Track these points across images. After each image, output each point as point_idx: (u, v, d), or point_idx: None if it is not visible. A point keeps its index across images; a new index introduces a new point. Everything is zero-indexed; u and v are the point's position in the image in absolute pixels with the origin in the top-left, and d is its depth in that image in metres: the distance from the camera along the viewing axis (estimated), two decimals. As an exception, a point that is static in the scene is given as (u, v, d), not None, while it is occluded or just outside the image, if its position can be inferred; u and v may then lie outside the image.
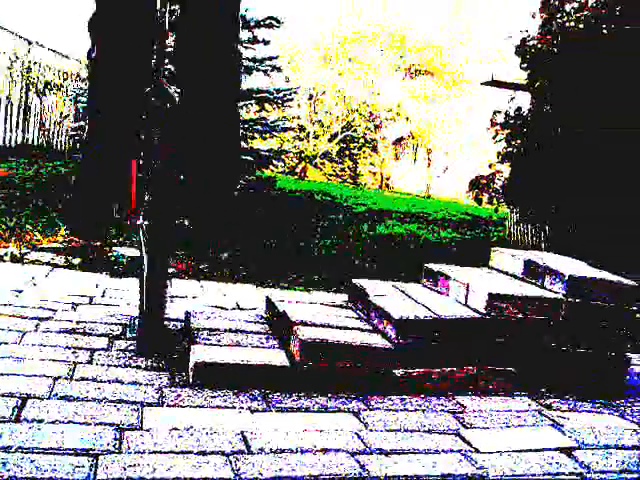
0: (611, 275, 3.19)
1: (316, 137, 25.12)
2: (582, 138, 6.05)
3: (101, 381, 2.57)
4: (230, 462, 2.06)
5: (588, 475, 2.30)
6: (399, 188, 25.43)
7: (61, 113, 14.03)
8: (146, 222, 2.97)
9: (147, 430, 2.20)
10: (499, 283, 3.23)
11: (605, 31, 6.06)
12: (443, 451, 2.35)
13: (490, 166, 7.29)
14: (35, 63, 13.26)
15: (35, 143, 13.39)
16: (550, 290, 3.15)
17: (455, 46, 26.12)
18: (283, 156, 9.76)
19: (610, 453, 2.50)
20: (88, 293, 3.95)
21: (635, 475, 2.34)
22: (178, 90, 2.97)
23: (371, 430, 2.44)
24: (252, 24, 9.49)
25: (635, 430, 2.76)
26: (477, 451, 2.39)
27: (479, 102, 23.91)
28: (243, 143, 9.58)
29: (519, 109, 7.00)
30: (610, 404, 3.05)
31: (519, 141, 6.82)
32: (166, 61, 2.99)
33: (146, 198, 2.98)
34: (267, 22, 9.49)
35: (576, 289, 3.06)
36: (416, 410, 2.69)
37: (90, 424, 2.19)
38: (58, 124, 13.93)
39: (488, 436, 2.53)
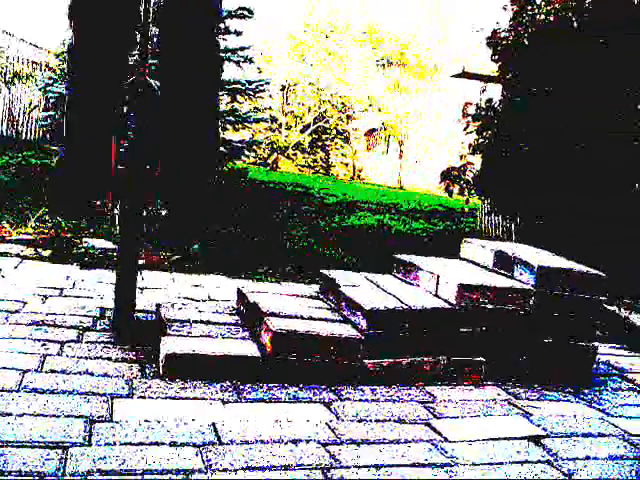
0: (579, 265, 3.23)
1: (288, 128, 25.10)
2: (551, 131, 6.09)
3: (71, 373, 2.56)
4: (201, 453, 2.06)
5: (556, 462, 2.33)
6: (371, 179, 25.48)
7: (30, 103, 13.89)
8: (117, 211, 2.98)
9: (117, 422, 2.19)
10: (469, 274, 3.25)
11: (575, 24, 6.10)
12: (413, 441, 2.37)
13: (461, 157, 7.33)
14: (3, 52, 13.11)
15: (3, 134, 13.25)
16: (520, 280, 3.17)
17: (429, 39, 26.18)
18: (255, 147, 9.73)
19: (577, 441, 2.54)
20: (58, 285, 3.92)
21: (600, 462, 2.38)
22: (158, 83, 2.96)
23: (342, 420, 2.45)
24: (224, 15, 9.43)
25: (601, 418, 2.80)
26: (447, 440, 2.41)
27: (451, 94, 24.00)
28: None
29: (490, 101, 7.03)
30: (578, 393, 3.09)
31: (490, 132, 6.86)
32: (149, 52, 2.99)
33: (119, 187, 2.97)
34: (239, 12, 9.45)
35: (545, 279, 3.09)
36: (386, 400, 2.70)
37: (59, 416, 2.17)
38: (27, 114, 13.78)
39: (458, 426, 2.55)
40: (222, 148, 8.91)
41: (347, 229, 6.88)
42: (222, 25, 9.46)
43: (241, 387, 2.64)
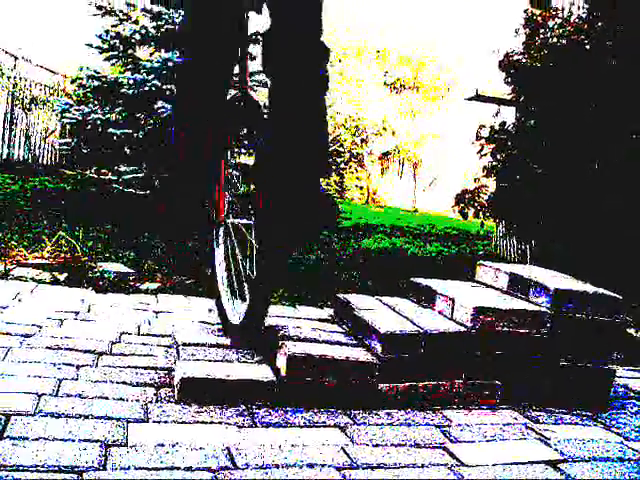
0: (596, 288, 3.21)
1: (303, 152, 25.09)
2: (565, 153, 6.09)
3: (86, 397, 2.56)
4: (216, 478, 2.05)
5: (574, 488, 2.30)
6: (385, 202, 25.49)
7: (46, 129, 14.02)
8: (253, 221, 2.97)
9: (132, 446, 2.19)
10: (484, 297, 3.24)
11: (587, 47, 6.12)
12: (430, 465, 2.35)
13: (475, 180, 7.33)
14: (21, 78, 13.26)
15: (20, 159, 13.36)
16: (535, 303, 3.16)
17: (443, 61, 26.28)
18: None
19: (596, 465, 2.51)
20: (74, 309, 3.94)
21: (620, 487, 2.36)
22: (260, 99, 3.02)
23: (357, 445, 2.44)
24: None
25: (620, 442, 2.77)
26: (463, 464, 2.39)
27: (466, 117, 24.07)
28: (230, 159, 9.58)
29: (503, 123, 7.05)
30: (596, 417, 3.06)
31: (504, 155, 6.86)
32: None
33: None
34: (253, 37, 9.52)
35: (561, 302, 3.08)
36: (402, 424, 2.69)
37: (75, 440, 2.17)
38: (44, 139, 13.91)
39: (474, 450, 2.53)
40: (238, 172, 8.93)
41: (362, 252, 6.88)
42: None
43: (256, 411, 2.63)
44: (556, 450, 2.60)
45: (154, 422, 2.42)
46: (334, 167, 26.09)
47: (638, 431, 2.94)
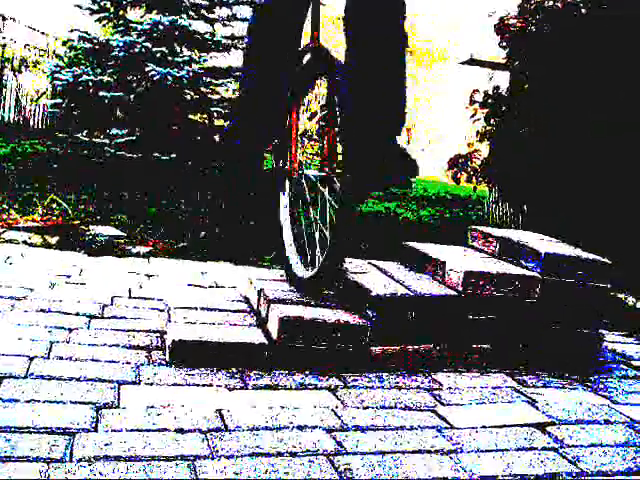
0: (586, 253, 3.22)
1: (296, 116, 25.00)
2: (559, 118, 6.07)
3: (78, 360, 2.57)
4: (207, 439, 2.07)
5: (561, 449, 2.33)
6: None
7: (37, 91, 13.89)
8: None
9: (124, 408, 2.21)
10: (476, 261, 3.25)
11: (583, 10, 6.07)
12: (419, 427, 2.37)
13: (469, 145, 7.32)
14: (11, 39, 13.12)
15: (11, 121, 13.26)
16: (526, 268, 3.17)
17: (438, 26, 26.09)
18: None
19: (583, 428, 2.54)
20: (65, 272, 3.94)
21: (606, 449, 2.38)
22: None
23: (348, 407, 2.46)
24: (231, 1, 9.43)
25: (607, 405, 2.80)
26: (453, 427, 2.41)
27: (460, 82, 23.96)
28: (222, 122, 9.54)
29: (497, 88, 7.01)
30: (583, 380, 3.09)
31: (497, 119, 6.84)
32: None
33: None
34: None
35: (552, 267, 3.09)
36: (392, 387, 2.71)
37: (66, 403, 2.19)
38: (35, 102, 13.80)
39: (464, 412, 2.55)
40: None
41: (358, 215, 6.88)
42: (229, 11, 9.45)
43: (247, 374, 2.65)
44: (544, 413, 2.63)
45: (146, 384, 2.43)
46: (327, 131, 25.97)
47: (625, 394, 2.97)
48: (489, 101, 6.94)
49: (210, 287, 3.98)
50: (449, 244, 3.81)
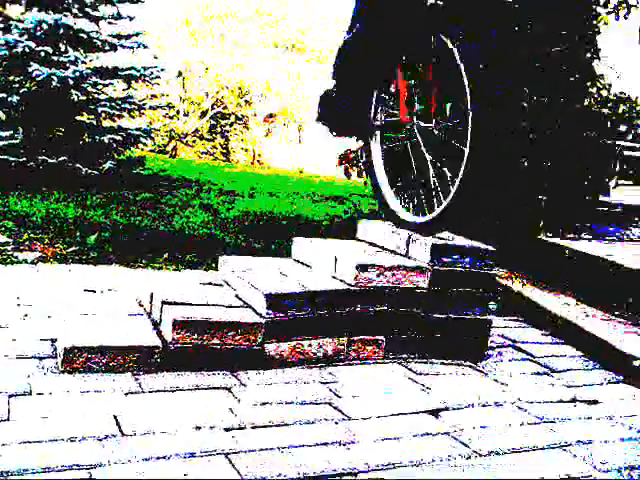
0: (472, 242, 3.32)
1: (186, 115, 24.83)
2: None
3: (-36, 372, 2.49)
4: (103, 446, 2.04)
5: (454, 433, 2.40)
6: (271, 164, 25.45)
7: None
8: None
9: (14, 421, 2.15)
10: (366, 254, 3.31)
11: None
12: (316, 421, 2.40)
13: (357, 140, 7.39)
14: None
15: None
16: (415, 259, 3.24)
17: (325, 25, 26.25)
18: (153, 134, 9.61)
19: (474, 411, 2.63)
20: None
21: (496, 430, 2.47)
22: None
23: (245, 405, 2.46)
24: (115, 0, 9.27)
25: (497, 388, 2.91)
26: (349, 419, 2.45)
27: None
28: (110, 122, 9.38)
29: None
30: (475, 366, 3.19)
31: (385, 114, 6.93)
32: None
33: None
34: (131, -3, 9.32)
35: (439, 256, 3.17)
36: (289, 383, 2.73)
37: (-47, 417, 2.12)
38: None
39: (360, 404, 2.60)
40: (118, 136, 8.77)
41: (248, 214, 6.87)
42: (114, 10, 9.30)
43: (143, 377, 2.62)
44: (437, 400, 2.70)
45: (38, 394, 2.37)
46: (218, 130, 25.84)
47: (512, 376, 3.09)
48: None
49: (103, 291, 3.90)
50: (342, 238, 3.86)
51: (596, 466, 2.27)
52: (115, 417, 2.25)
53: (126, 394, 2.45)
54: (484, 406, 2.70)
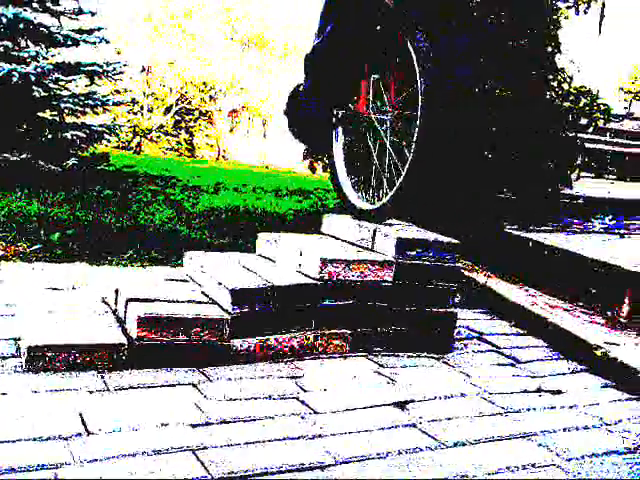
0: (437, 235, 3.34)
1: (150, 110, 24.68)
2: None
3: None
4: (69, 445, 2.02)
5: (421, 425, 2.42)
6: (236, 159, 25.37)
7: None
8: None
9: (-23, 421, 2.12)
10: (331, 248, 3.32)
11: None
12: (283, 415, 2.41)
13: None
14: None
15: None
16: (381, 253, 3.26)
17: (289, 20, 26.24)
18: (117, 131, 9.53)
19: (440, 403, 2.65)
20: None
21: (461, 420, 2.50)
22: None
23: (211, 401, 2.46)
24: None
25: (463, 380, 2.94)
26: (317, 412, 2.46)
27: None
28: (73, 119, 9.28)
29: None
30: (441, 358, 3.21)
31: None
32: None
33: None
34: None
35: (404, 250, 3.19)
36: (255, 378, 2.73)
37: None
38: None
39: (327, 397, 2.61)
40: (81, 132, 8.68)
41: (214, 210, 6.85)
42: (75, 4, 9.19)
43: (108, 375, 2.60)
44: (403, 392, 2.72)
45: (2, 394, 2.34)
46: (183, 125, 25.71)
47: (478, 368, 3.12)
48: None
49: (67, 289, 3.87)
50: (307, 233, 3.86)
51: (559, 454, 2.30)
52: (81, 415, 2.23)
53: (91, 392, 2.43)
54: (450, 397, 2.72)
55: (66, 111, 8.93)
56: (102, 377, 2.57)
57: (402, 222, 3.67)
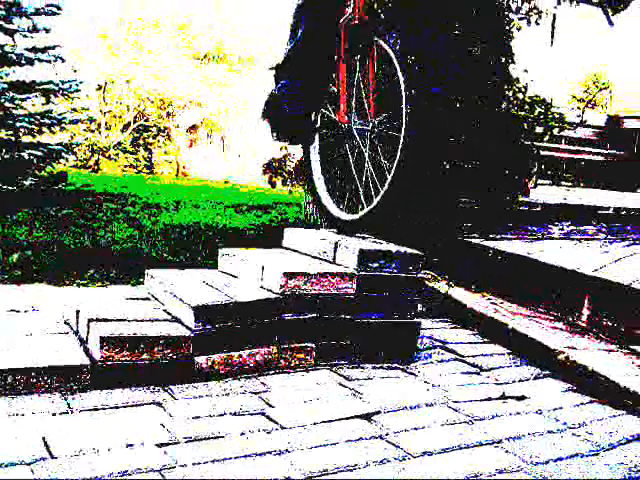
0: (399, 247, 3.36)
1: (108, 128, 24.51)
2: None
3: None
4: (32, 471, 1.99)
5: (387, 436, 2.43)
6: (196, 175, 25.28)
7: None
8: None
9: (-64, 447, 2.08)
10: (292, 262, 3.32)
11: None
12: (250, 432, 2.39)
13: (281, 148, 7.41)
14: None
15: None
16: (343, 265, 3.26)
17: (247, 34, 26.28)
18: (75, 149, 9.44)
19: (406, 414, 2.65)
20: None
21: (428, 430, 2.51)
22: None
23: (177, 419, 2.44)
24: (30, 12, 9.08)
25: (427, 389, 2.95)
26: (283, 428, 2.45)
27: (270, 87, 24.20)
28: (30, 138, 9.19)
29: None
30: (405, 368, 3.22)
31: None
32: None
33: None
34: (47, 9, 9.12)
35: (366, 262, 3.20)
36: (220, 395, 2.72)
37: None
38: None
39: (293, 412, 2.60)
40: (38, 152, 8.59)
41: (174, 227, 6.81)
42: (29, 23, 9.11)
43: (72, 397, 2.57)
44: (369, 404, 2.72)
45: (-40, 420, 2.30)
46: (141, 142, 25.58)
47: (442, 377, 3.13)
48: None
49: (27, 311, 3.82)
50: (269, 247, 3.86)
51: (525, 460, 2.32)
52: (44, 439, 2.20)
53: (55, 415, 2.40)
54: (416, 408, 2.73)
55: (22, 130, 8.85)
56: (65, 399, 2.54)
57: (366, 234, 3.69)
